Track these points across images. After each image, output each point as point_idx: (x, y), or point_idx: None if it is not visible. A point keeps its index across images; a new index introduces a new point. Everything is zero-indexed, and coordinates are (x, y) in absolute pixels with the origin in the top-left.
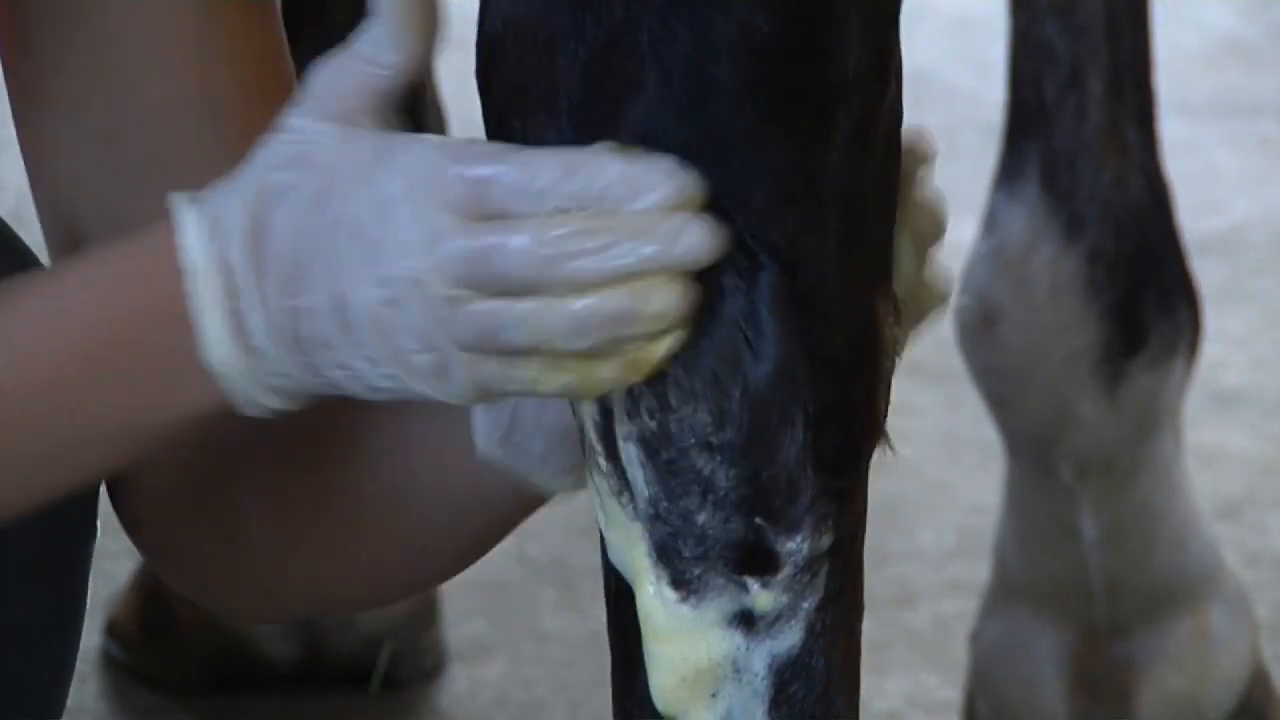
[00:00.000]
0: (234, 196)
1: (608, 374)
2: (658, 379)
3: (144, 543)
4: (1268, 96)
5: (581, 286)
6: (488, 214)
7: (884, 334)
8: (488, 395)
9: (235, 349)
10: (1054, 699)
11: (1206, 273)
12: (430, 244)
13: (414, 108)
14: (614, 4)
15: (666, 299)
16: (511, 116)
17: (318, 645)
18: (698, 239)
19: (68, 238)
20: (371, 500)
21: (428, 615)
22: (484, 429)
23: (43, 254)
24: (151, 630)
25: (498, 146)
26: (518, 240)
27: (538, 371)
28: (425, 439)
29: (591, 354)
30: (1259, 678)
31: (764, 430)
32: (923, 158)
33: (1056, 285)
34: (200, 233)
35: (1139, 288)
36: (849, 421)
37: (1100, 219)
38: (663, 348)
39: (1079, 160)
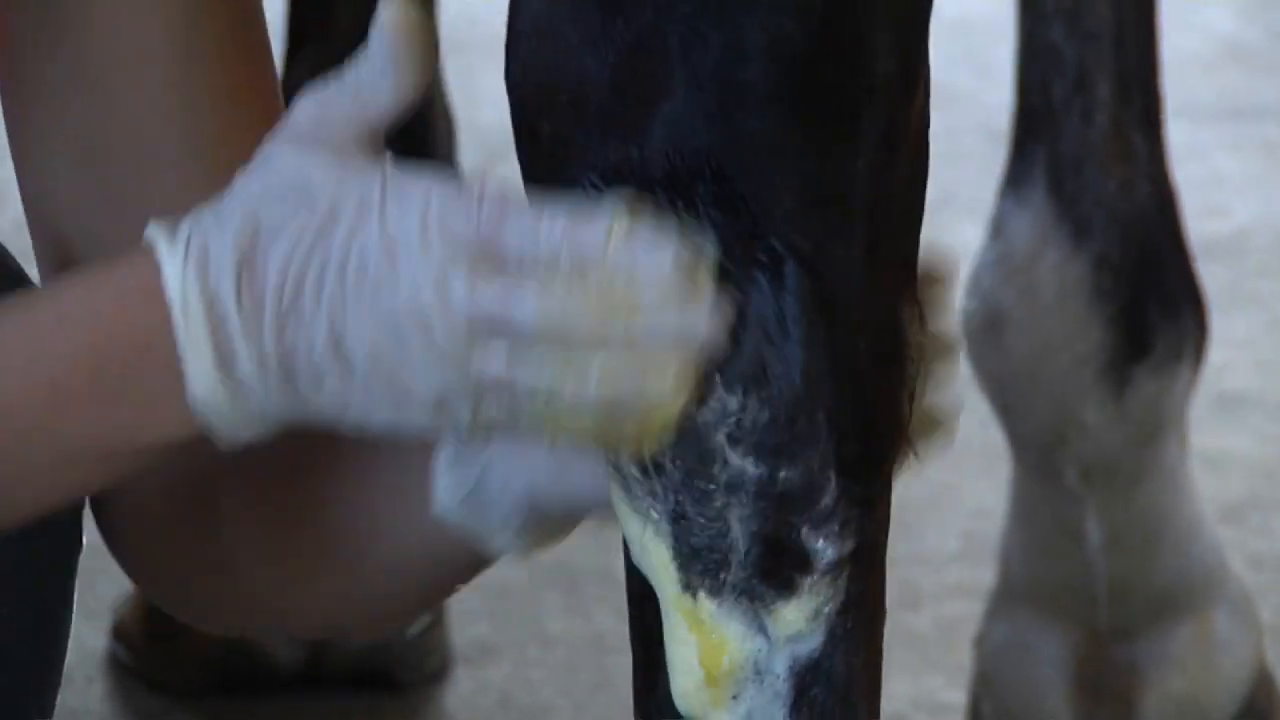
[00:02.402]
0: (222, 229)
1: (620, 432)
2: None
3: (121, 551)
4: (1269, 99)
5: (591, 348)
6: (495, 263)
7: (908, 340)
8: (492, 431)
9: (220, 382)
10: (1058, 702)
11: (1210, 276)
12: (441, 288)
13: (423, 113)
14: (643, 8)
15: (673, 375)
16: (540, 118)
17: (321, 648)
18: (705, 316)
19: (56, 252)
20: (335, 537)
21: (432, 617)
22: (447, 488)
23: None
24: (157, 634)
25: (505, 195)
26: (529, 300)
27: (547, 421)
28: (390, 487)
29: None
30: (1262, 680)
31: (788, 434)
32: (939, 279)
33: (1062, 290)
34: (184, 265)
35: (1144, 293)
36: (872, 427)
37: (1106, 224)
38: (668, 415)
39: (1085, 165)
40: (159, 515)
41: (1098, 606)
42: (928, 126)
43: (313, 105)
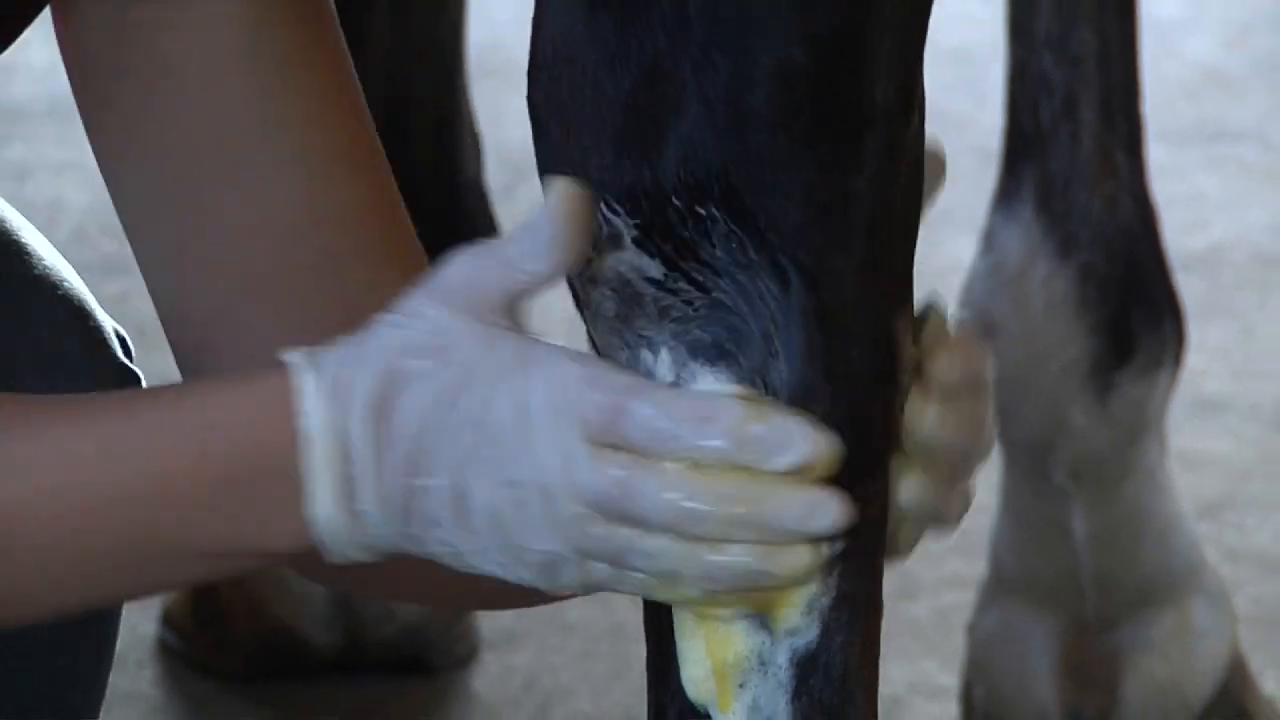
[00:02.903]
0: (360, 369)
1: (726, 603)
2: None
3: None
4: (1247, 124)
5: (713, 544)
6: (620, 444)
7: (902, 351)
8: (594, 591)
9: (340, 512)
10: (1045, 686)
11: (1189, 288)
12: (566, 463)
13: (449, 135)
14: (657, 34)
15: (799, 563)
16: (561, 138)
17: (358, 634)
18: (835, 514)
19: (147, 253)
20: None
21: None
22: None
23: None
24: (204, 620)
25: (636, 379)
26: (656, 486)
27: (656, 586)
28: None
29: None
30: (1237, 667)
31: None
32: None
33: (1051, 301)
34: (320, 398)
35: (1128, 303)
36: (867, 432)
37: (1092, 239)
38: (789, 598)
39: (1072, 184)
40: None
41: (1083, 597)
42: (923, 148)
43: (465, 266)
